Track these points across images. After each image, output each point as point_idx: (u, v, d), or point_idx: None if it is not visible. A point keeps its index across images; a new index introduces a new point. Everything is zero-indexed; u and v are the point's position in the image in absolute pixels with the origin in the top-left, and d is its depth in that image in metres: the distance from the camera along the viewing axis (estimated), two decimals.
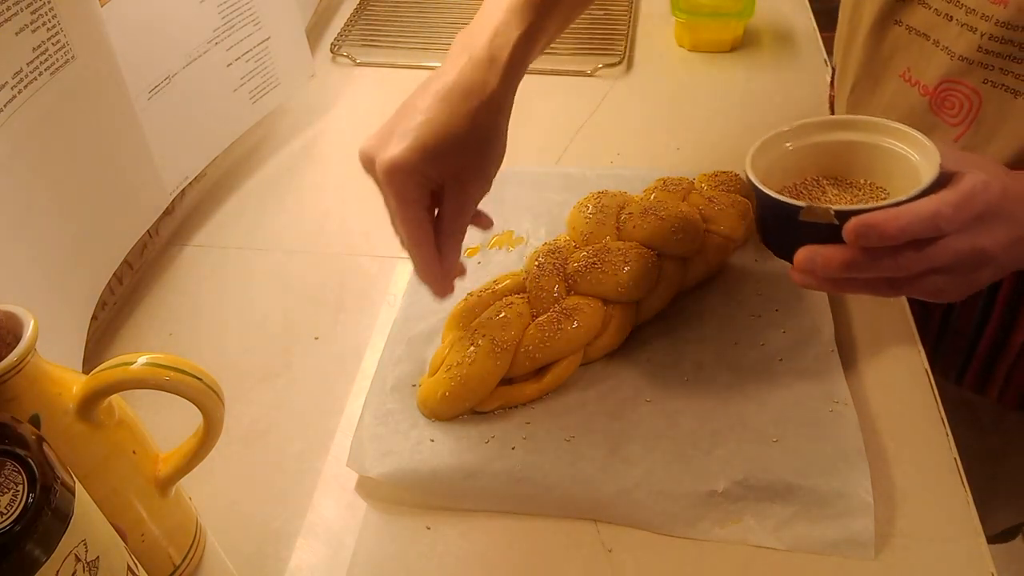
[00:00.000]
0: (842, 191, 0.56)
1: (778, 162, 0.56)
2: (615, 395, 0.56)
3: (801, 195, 0.56)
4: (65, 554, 0.34)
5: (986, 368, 0.71)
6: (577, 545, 0.50)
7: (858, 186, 0.56)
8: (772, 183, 0.53)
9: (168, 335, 0.66)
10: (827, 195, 0.56)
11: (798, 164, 0.57)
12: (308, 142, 0.86)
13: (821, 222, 0.48)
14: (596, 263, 0.59)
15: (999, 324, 0.68)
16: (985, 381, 0.72)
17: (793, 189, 0.57)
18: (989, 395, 0.72)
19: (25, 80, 0.54)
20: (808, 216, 0.49)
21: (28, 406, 0.39)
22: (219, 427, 0.45)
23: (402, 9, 1.06)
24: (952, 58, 0.59)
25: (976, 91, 0.59)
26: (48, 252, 0.57)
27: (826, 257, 0.48)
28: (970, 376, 0.73)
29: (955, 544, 0.48)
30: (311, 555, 0.51)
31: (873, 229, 0.46)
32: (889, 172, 0.55)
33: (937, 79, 0.61)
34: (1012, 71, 0.56)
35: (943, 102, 0.61)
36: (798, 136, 0.57)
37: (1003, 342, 0.69)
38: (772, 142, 0.56)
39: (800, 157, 0.57)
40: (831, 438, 0.52)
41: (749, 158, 0.54)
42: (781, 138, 0.57)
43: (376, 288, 0.68)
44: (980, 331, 0.69)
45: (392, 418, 0.55)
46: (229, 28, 0.76)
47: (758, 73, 0.92)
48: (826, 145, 0.57)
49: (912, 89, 0.63)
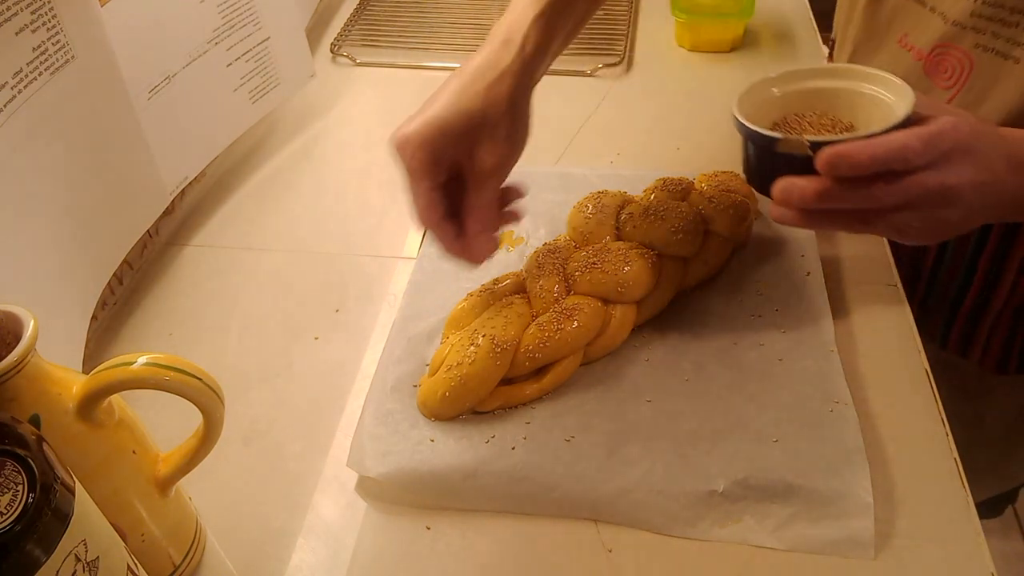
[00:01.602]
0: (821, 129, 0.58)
1: (764, 106, 0.59)
2: (615, 395, 0.56)
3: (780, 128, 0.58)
4: (65, 554, 0.34)
5: (969, 330, 0.73)
6: (577, 545, 0.50)
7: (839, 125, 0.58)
8: (758, 124, 0.55)
9: (168, 335, 0.66)
10: (805, 129, 0.58)
11: (783, 109, 0.60)
12: (308, 142, 0.86)
13: (797, 153, 0.51)
14: (596, 263, 0.59)
15: (981, 286, 0.70)
16: (968, 344, 0.74)
17: (779, 125, 0.59)
18: (972, 358, 0.74)
19: (25, 80, 0.54)
20: (784, 148, 0.52)
21: (28, 406, 0.39)
22: (219, 427, 0.45)
23: (402, 9, 1.06)
24: (946, 23, 0.61)
25: (968, 55, 0.61)
26: (48, 252, 0.57)
27: (801, 188, 0.50)
28: (953, 339, 0.74)
29: (955, 544, 0.48)
30: (311, 555, 0.51)
31: (844, 159, 0.48)
32: (869, 116, 0.57)
33: (931, 44, 0.63)
34: (1003, 35, 0.59)
35: (937, 66, 0.63)
36: (784, 82, 0.60)
37: (984, 305, 0.70)
38: (759, 87, 0.59)
39: (786, 103, 0.59)
40: (831, 438, 0.52)
41: (736, 100, 0.57)
42: (768, 84, 0.59)
43: (376, 288, 0.68)
44: (963, 293, 0.71)
45: (392, 418, 0.55)
46: (229, 28, 0.76)
47: (758, 73, 0.90)
48: (810, 91, 0.59)
49: (908, 54, 0.65)
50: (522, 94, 0.53)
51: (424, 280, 0.65)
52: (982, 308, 0.71)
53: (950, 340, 0.75)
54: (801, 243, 0.66)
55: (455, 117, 0.50)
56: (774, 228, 0.68)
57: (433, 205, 0.51)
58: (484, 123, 0.51)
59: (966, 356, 0.75)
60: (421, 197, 0.51)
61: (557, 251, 0.62)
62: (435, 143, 0.50)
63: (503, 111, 0.52)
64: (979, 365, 0.75)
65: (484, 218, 0.53)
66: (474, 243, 0.53)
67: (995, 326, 0.72)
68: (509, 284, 0.61)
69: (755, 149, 0.56)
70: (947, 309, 0.74)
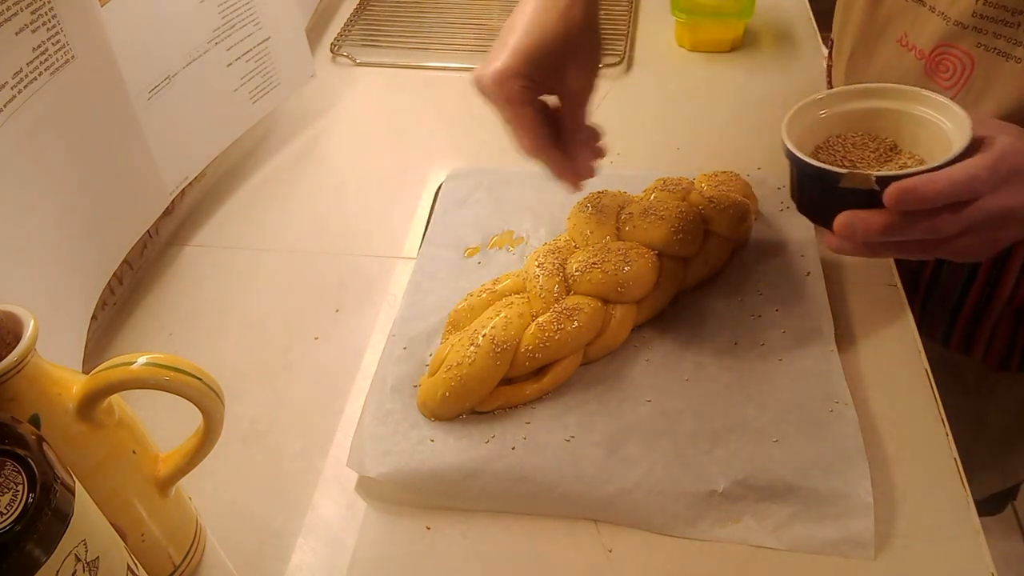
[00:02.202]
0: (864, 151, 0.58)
1: (810, 129, 0.58)
2: (615, 395, 0.56)
3: (824, 153, 0.58)
4: (65, 554, 0.34)
5: (971, 329, 0.73)
6: (577, 545, 0.50)
7: (883, 146, 0.58)
8: (803, 149, 0.55)
9: (168, 335, 0.65)
10: (848, 151, 0.58)
11: (826, 131, 0.59)
12: (308, 142, 0.86)
13: (861, 188, 0.50)
14: (596, 263, 0.59)
15: (984, 285, 0.70)
16: (970, 342, 0.74)
17: (821, 148, 0.58)
18: (974, 356, 0.74)
19: (25, 80, 0.54)
20: (849, 183, 0.51)
21: (28, 406, 0.39)
22: (219, 427, 0.45)
23: (402, 9, 1.06)
24: (948, 23, 0.61)
25: (969, 54, 0.61)
26: (48, 252, 0.57)
27: (866, 222, 0.50)
28: (956, 337, 0.75)
29: (955, 544, 0.49)
30: (311, 555, 0.51)
31: (912, 193, 0.48)
32: (915, 136, 0.57)
33: (933, 43, 0.63)
34: (1004, 35, 0.59)
35: (937, 66, 0.63)
36: (831, 104, 0.59)
37: (987, 304, 0.71)
38: (805, 109, 0.58)
39: (832, 124, 0.59)
40: (831, 438, 0.52)
41: (785, 125, 0.56)
42: (815, 106, 0.59)
43: (376, 288, 0.68)
44: (966, 292, 0.71)
45: (392, 418, 0.55)
46: (229, 28, 0.76)
47: (758, 73, 0.92)
48: (858, 112, 0.59)
49: (908, 53, 0.65)
50: (594, 12, 0.55)
51: (424, 280, 0.65)
52: (984, 307, 0.71)
53: (952, 338, 0.75)
54: (801, 243, 0.66)
55: (540, 43, 0.52)
56: (774, 228, 0.68)
57: (538, 130, 0.53)
58: (567, 45, 0.53)
59: (968, 354, 0.75)
60: (525, 125, 0.53)
61: (557, 251, 0.62)
62: (527, 70, 0.52)
63: (582, 31, 0.53)
64: (981, 363, 0.75)
65: (583, 138, 0.55)
66: (579, 164, 0.55)
67: (997, 325, 0.72)
68: (509, 284, 0.61)
69: (811, 182, 0.55)
70: (950, 307, 0.74)
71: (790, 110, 0.58)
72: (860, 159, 0.57)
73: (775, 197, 0.70)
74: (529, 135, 0.53)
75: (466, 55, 0.97)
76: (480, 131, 0.85)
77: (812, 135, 0.59)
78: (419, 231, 0.73)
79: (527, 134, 0.53)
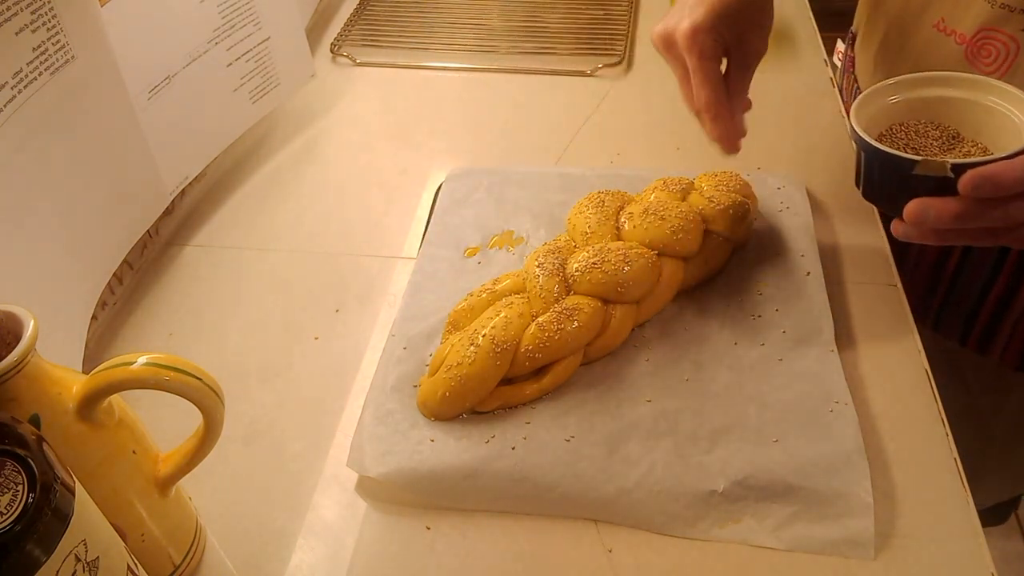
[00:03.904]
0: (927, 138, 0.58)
1: (875, 117, 0.58)
2: (615, 395, 0.56)
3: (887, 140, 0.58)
4: (65, 554, 0.34)
5: (990, 328, 0.73)
6: (577, 545, 0.50)
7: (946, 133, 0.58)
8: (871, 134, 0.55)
9: (168, 335, 0.66)
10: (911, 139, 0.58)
11: (890, 118, 0.59)
12: (308, 142, 0.86)
13: (934, 175, 0.50)
14: (596, 263, 0.59)
15: (1006, 284, 0.69)
16: (988, 341, 0.73)
17: (885, 135, 0.58)
18: (991, 355, 0.74)
19: (25, 80, 0.54)
20: (923, 170, 0.51)
21: (28, 406, 0.39)
22: (219, 427, 0.45)
23: (402, 9, 1.06)
24: (993, 6, 0.61)
25: (1014, 38, 0.61)
26: (48, 252, 0.57)
27: (939, 209, 0.50)
28: (973, 337, 0.74)
29: (955, 544, 0.49)
30: (311, 555, 0.51)
31: (988, 180, 0.48)
32: (982, 127, 0.57)
33: (975, 27, 0.63)
34: None
35: (980, 50, 0.63)
36: (901, 90, 0.59)
37: (1008, 302, 0.70)
38: (874, 96, 0.59)
39: (901, 111, 0.59)
40: (831, 438, 0.52)
41: (853, 111, 0.57)
42: (883, 92, 0.59)
43: (376, 288, 0.68)
44: (986, 291, 0.71)
45: (392, 418, 0.55)
46: (229, 28, 0.76)
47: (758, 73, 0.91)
48: (928, 100, 0.59)
49: (947, 39, 0.65)
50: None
51: (424, 280, 0.65)
52: (1005, 306, 0.71)
53: (970, 338, 0.75)
54: (801, 243, 0.66)
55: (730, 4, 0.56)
56: (774, 228, 0.68)
57: (720, 86, 0.57)
58: (752, 7, 0.57)
59: (985, 354, 0.74)
60: (711, 80, 0.56)
61: (557, 251, 0.62)
62: (720, 28, 0.56)
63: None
64: (999, 362, 0.74)
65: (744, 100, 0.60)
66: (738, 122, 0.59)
67: (1017, 324, 0.71)
68: (509, 284, 0.61)
69: (883, 169, 0.54)
70: (969, 307, 0.73)
71: (859, 96, 0.58)
72: (923, 147, 0.57)
73: (775, 197, 0.70)
74: (711, 89, 0.56)
75: (466, 55, 0.97)
76: (480, 131, 0.85)
77: (876, 123, 0.58)
78: (419, 231, 0.73)
79: (711, 88, 0.56)
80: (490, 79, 0.93)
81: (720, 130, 0.58)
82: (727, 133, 0.58)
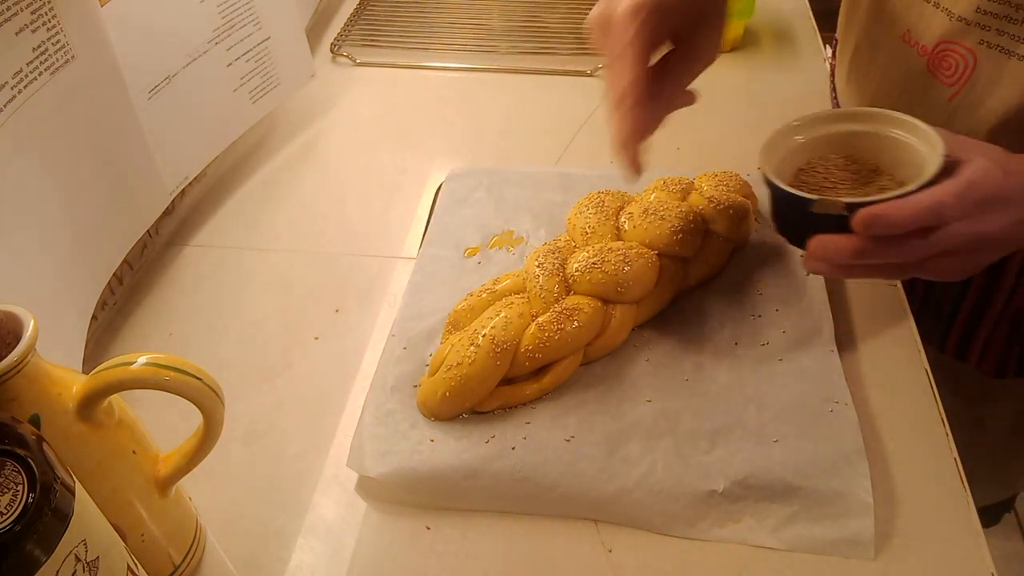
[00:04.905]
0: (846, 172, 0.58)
1: (788, 154, 0.58)
2: (615, 395, 0.56)
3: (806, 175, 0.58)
4: (65, 554, 0.34)
5: (966, 335, 0.73)
6: (577, 545, 0.50)
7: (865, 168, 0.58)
8: (784, 173, 0.56)
9: (168, 335, 0.66)
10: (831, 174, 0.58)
11: (807, 153, 0.59)
12: (308, 142, 0.86)
13: (834, 213, 0.51)
14: (596, 263, 0.59)
15: (979, 291, 0.69)
16: (965, 348, 0.74)
17: (804, 170, 0.59)
18: (969, 362, 0.74)
19: (25, 80, 0.54)
20: (820, 208, 0.52)
21: (28, 406, 0.39)
22: (219, 427, 0.45)
23: (402, 9, 1.06)
24: (951, 18, 0.61)
25: (972, 51, 0.61)
26: (48, 252, 0.57)
27: (837, 245, 0.50)
28: (951, 343, 0.74)
29: (955, 544, 0.49)
30: (311, 555, 0.51)
31: (879, 219, 0.48)
32: (895, 159, 0.57)
33: (935, 40, 0.63)
34: (1007, 32, 0.58)
35: (940, 62, 0.63)
36: (808, 129, 0.59)
37: (982, 310, 0.70)
38: (782, 135, 0.59)
39: (810, 149, 0.59)
40: (831, 438, 0.52)
41: (761, 151, 0.57)
42: (791, 131, 0.59)
43: (376, 288, 0.68)
44: (961, 298, 0.71)
45: (392, 418, 0.55)
46: (229, 28, 0.76)
47: (758, 73, 0.92)
48: (835, 136, 0.59)
49: (911, 50, 0.65)
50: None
51: (424, 280, 0.65)
52: (980, 313, 0.71)
53: (948, 344, 0.75)
54: None
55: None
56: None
57: (641, 81, 0.49)
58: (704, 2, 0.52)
59: (964, 360, 0.75)
60: (630, 72, 0.49)
61: (557, 251, 0.62)
62: (664, 10, 0.50)
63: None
64: (977, 369, 0.74)
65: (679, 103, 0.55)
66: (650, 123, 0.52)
67: (993, 331, 0.72)
68: (509, 284, 0.61)
69: (787, 206, 0.55)
70: (946, 313, 0.74)
71: (766, 136, 0.58)
72: (841, 181, 0.57)
73: None
74: (628, 84, 0.49)
75: (466, 55, 0.97)
76: (480, 131, 0.85)
77: (795, 157, 0.59)
78: (419, 231, 0.73)
79: (633, 75, 0.49)
80: (490, 79, 0.93)
81: (627, 130, 0.50)
82: (632, 143, 0.51)
